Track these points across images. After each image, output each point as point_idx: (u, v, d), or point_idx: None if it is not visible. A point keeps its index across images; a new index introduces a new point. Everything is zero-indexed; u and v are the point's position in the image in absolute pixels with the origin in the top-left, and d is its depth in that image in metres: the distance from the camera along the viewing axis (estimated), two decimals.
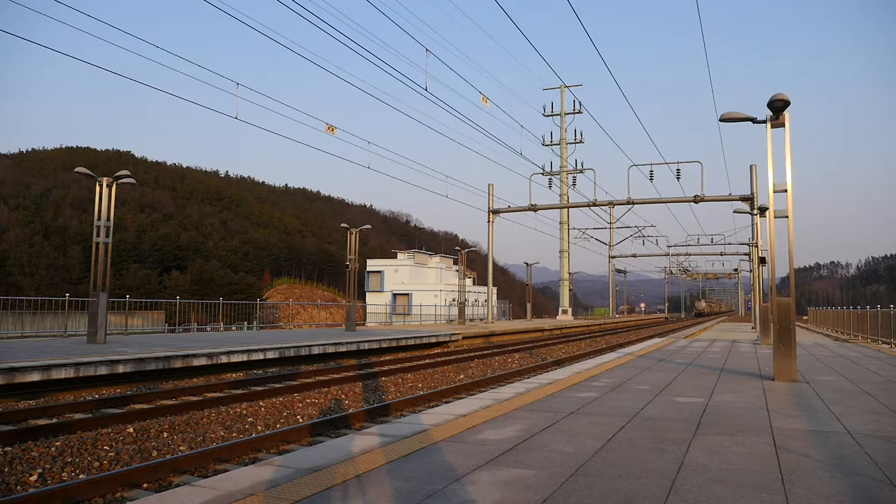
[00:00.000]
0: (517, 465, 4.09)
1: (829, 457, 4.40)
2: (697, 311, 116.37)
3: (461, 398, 10.60)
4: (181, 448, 7.03)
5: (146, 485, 5.61)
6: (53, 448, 6.72)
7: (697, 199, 32.62)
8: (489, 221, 37.61)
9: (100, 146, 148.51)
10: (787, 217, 8.95)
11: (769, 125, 9.05)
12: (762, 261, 19.55)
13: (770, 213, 9.14)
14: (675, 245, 65.35)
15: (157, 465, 5.83)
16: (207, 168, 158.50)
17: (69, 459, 6.35)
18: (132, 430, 7.67)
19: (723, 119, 9.65)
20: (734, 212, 25.88)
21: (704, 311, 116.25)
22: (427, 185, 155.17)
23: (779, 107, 8.87)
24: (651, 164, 33.70)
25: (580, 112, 52.12)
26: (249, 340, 16.38)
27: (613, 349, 21.43)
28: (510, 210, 38.01)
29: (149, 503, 3.41)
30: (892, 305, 18.24)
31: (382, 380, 13.03)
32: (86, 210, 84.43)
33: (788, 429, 5.40)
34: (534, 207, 37.35)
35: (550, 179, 43.76)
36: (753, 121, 9.35)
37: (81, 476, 5.88)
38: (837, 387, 8.33)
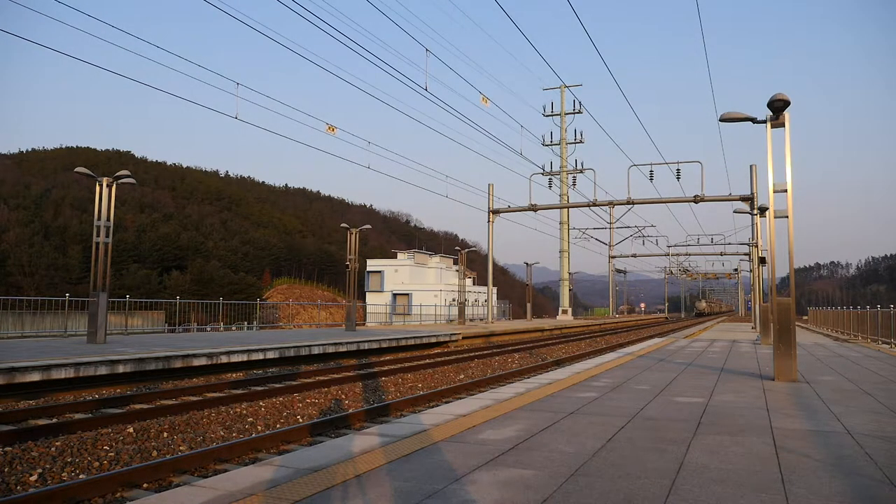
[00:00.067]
0: (517, 465, 4.09)
1: (829, 457, 4.40)
2: (698, 311, 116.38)
3: (461, 398, 10.60)
4: (181, 448, 7.04)
5: (146, 485, 5.61)
6: (53, 448, 6.72)
7: (697, 199, 32.63)
8: (489, 221, 37.62)
9: (100, 146, 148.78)
10: (787, 217, 8.96)
11: (769, 125, 9.05)
12: (762, 261, 19.55)
13: (770, 213, 9.14)
14: (675, 245, 65.42)
15: (157, 465, 5.84)
16: (207, 168, 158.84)
17: (69, 459, 6.35)
18: (132, 430, 7.67)
19: (723, 119, 9.65)
20: (734, 212, 25.88)
21: (705, 311, 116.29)
22: (427, 185, 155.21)
23: (779, 107, 8.88)
24: (651, 164, 33.74)
25: (580, 112, 52.17)
26: (249, 340, 16.38)
27: (613, 349, 21.43)
28: (510, 210, 38.01)
29: (149, 503, 3.41)
30: (892, 305, 18.25)
31: (382, 380, 13.03)
32: (86, 210, 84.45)
33: (788, 429, 5.40)
34: (534, 207, 37.36)
35: (550, 179, 43.79)
36: (753, 121, 9.35)
37: (81, 476, 5.89)
38: (837, 387, 8.33)
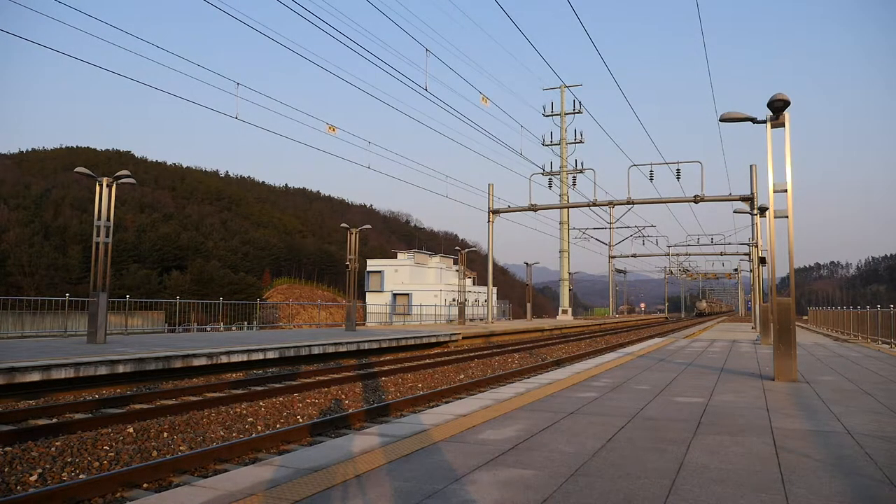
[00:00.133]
0: (517, 465, 4.09)
1: (829, 457, 4.40)
2: (698, 311, 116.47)
3: (461, 398, 10.60)
4: (181, 448, 7.03)
5: (146, 485, 5.61)
6: (53, 448, 6.72)
7: (697, 199, 32.62)
8: (489, 221, 37.62)
9: (100, 146, 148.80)
10: (787, 217, 8.95)
11: (769, 125, 9.05)
12: (762, 261, 19.54)
13: (770, 213, 9.14)
14: (675, 245, 65.42)
15: (157, 465, 5.84)
16: (207, 168, 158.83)
17: (69, 459, 6.35)
18: (132, 430, 7.67)
19: (723, 119, 9.65)
20: (734, 212, 25.88)
21: (705, 311, 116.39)
22: (427, 185, 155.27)
23: (779, 107, 8.87)
24: (651, 164, 33.74)
25: (580, 112, 52.18)
26: (249, 340, 16.38)
27: (613, 349, 21.43)
28: (510, 210, 38.01)
29: (149, 503, 3.41)
30: (892, 305, 18.24)
31: (382, 380, 13.03)
32: (86, 210, 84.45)
33: (788, 429, 5.40)
34: (534, 207, 37.36)
35: (550, 179, 43.79)
36: (753, 121, 9.35)
37: (81, 476, 5.89)
38: (837, 387, 8.33)
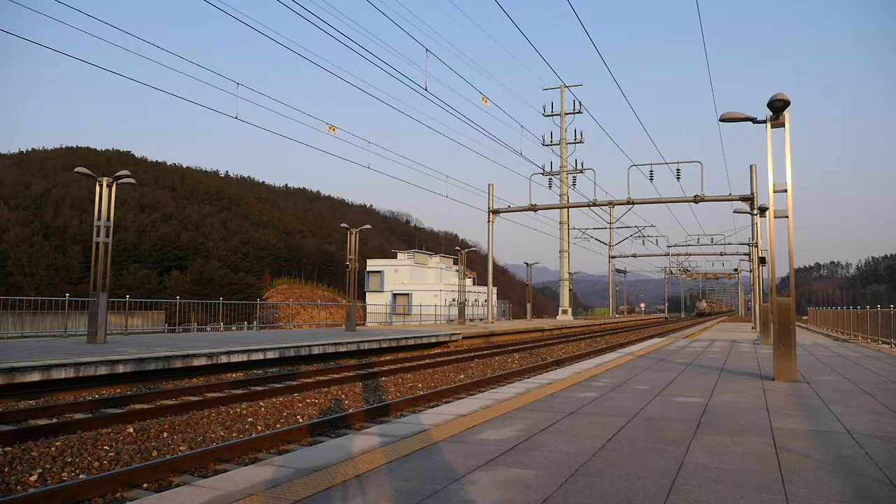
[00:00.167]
0: (517, 465, 4.09)
1: (829, 457, 4.40)
2: (699, 311, 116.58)
3: (461, 398, 10.60)
4: (181, 448, 7.03)
5: (146, 485, 5.61)
6: (53, 448, 6.72)
7: (697, 199, 32.62)
8: (489, 221, 37.62)
9: (100, 146, 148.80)
10: (787, 217, 8.95)
11: (769, 125, 9.05)
12: (762, 261, 19.54)
13: (770, 213, 9.14)
14: (675, 245, 65.43)
15: (157, 465, 5.84)
16: (207, 168, 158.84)
17: (69, 459, 6.35)
18: (132, 430, 7.67)
19: (723, 119, 9.65)
20: (734, 212, 25.88)
21: (705, 311, 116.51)
22: (427, 185, 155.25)
23: (779, 107, 8.87)
24: (651, 164, 33.74)
25: (580, 112, 52.18)
26: (249, 340, 16.38)
27: (613, 349, 21.43)
28: (510, 210, 38.01)
29: (149, 503, 3.41)
30: (892, 305, 18.24)
31: (382, 380, 13.03)
32: (86, 210, 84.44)
33: (788, 429, 5.40)
34: (534, 207, 37.36)
35: (550, 179, 43.79)
36: (753, 121, 9.35)
37: (81, 476, 5.89)
38: (837, 387, 8.33)
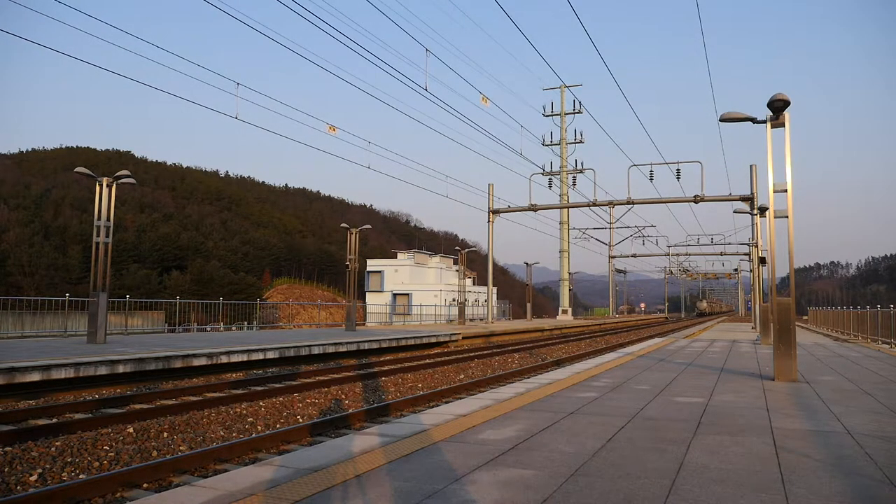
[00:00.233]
0: (517, 465, 4.09)
1: (829, 457, 4.40)
2: (699, 311, 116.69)
3: (461, 398, 10.60)
4: (181, 448, 7.03)
5: (146, 485, 5.61)
6: (53, 448, 6.72)
7: (697, 199, 32.62)
8: (489, 221, 37.62)
9: (100, 146, 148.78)
10: (787, 217, 8.95)
11: (769, 125, 9.05)
12: (762, 261, 19.54)
13: (770, 213, 9.14)
14: (675, 245, 65.43)
15: (157, 465, 5.83)
16: (207, 168, 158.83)
17: (69, 459, 6.35)
18: (132, 430, 7.67)
19: (723, 119, 9.65)
20: (734, 212, 25.88)
21: (706, 311, 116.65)
22: (427, 185, 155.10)
23: (779, 107, 8.87)
24: (651, 164, 33.74)
25: (580, 112, 52.18)
26: (249, 340, 16.38)
27: (613, 349, 21.43)
28: (510, 210, 38.01)
29: (149, 503, 3.41)
30: (892, 305, 18.24)
31: (382, 380, 13.03)
32: (86, 210, 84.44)
33: (788, 429, 5.40)
34: (534, 207, 37.35)
35: (550, 179, 43.79)
36: (753, 121, 9.35)
37: (81, 476, 5.88)
38: (837, 387, 8.33)
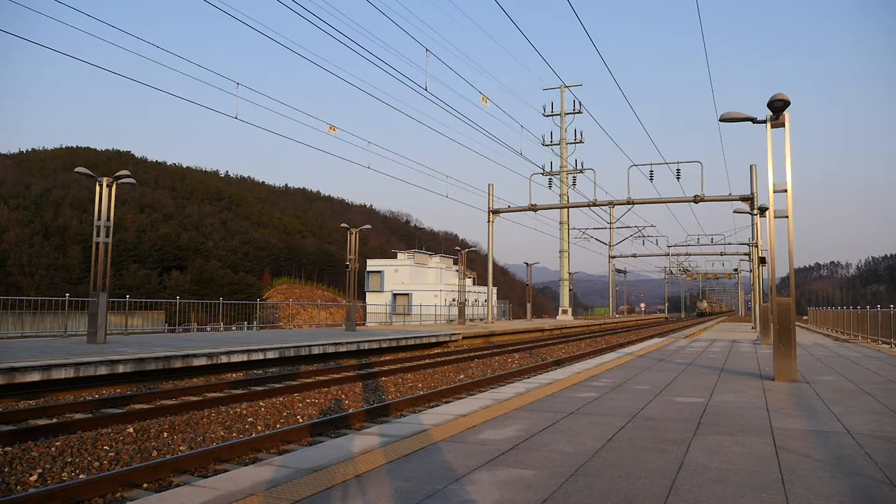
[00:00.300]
0: (517, 465, 4.09)
1: (830, 457, 4.40)
2: (699, 311, 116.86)
3: (461, 398, 10.60)
4: (181, 448, 7.03)
5: (146, 485, 5.61)
6: (53, 448, 6.72)
7: (697, 199, 32.62)
8: (489, 221, 37.62)
9: (100, 146, 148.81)
10: (787, 217, 8.95)
11: (769, 125, 9.05)
12: (762, 261, 19.54)
13: (770, 213, 9.14)
14: (675, 245, 65.43)
15: (157, 465, 5.83)
16: (207, 168, 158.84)
17: (69, 459, 6.35)
18: (132, 430, 7.67)
19: (723, 119, 9.65)
20: (734, 212, 25.88)
21: (706, 311, 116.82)
22: (427, 185, 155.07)
23: (779, 107, 8.87)
24: (651, 164, 33.74)
25: (580, 112, 52.18)
26: (249, 340, 16.38)
27: (613, 349, 21.43)
28: (510, 210, 38.01)
29: (149, 503, 3.41)
30: (892, 305, 18.24)
31: (382, 380, 13.03)
32: (86, 210, 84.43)
33: (788, 429, 5.40)
34: (534, 207, 37.35)
35: (550, 179, 43.79)
36: (753, 121, 9.35)
37: (81, 476, 5.88)
38: (837, 387, 8.33)
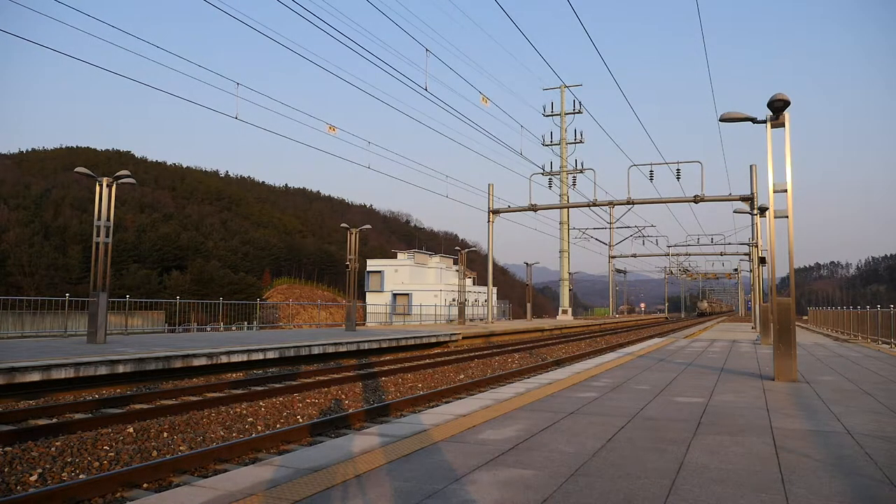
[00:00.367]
0: (517, 465, 4.09)
1: (829, 457, 4.40)
2: (700, 311, 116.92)
3: (461, 398, 10.60)
4: (181, 448, 7.03)
5: (146, 485, 5.61)
6: (53, 448, 6.72)
7: (697, 199, 32.62)
8: (489, 221, 37.61)
9: (100, 146, 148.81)
10: (787, 217, 8.95)
11: (769, 125, 9.05)
12: (762, 261, 19.54)
13: (770, 213, 9.14)
14: (675, 245, 65.45)
15: (157, 465, 5.84)
16: (207, 168, 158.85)
17: (69, 459, 6.35)
18: (132, 430, 7.67)
19: (723, 119, 9.65)
20: (734, 212, 25.88)
21: (706, 311, 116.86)
22: (427, 185, 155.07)
23: (779, 107, 8.87)
24: (651, 164, 33.74)
25: (580, 112, 52.18)
26: (249, 340, 16.38)
27: (613, 349, 21.43)
28: (510, 210, 38.01)
29: (149, 503, 3.41)
30: (892, 305, 18.24)
31: (382, 380, 13.03)
32: (86, 210, 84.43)
33: (788, 429, 5.40)
34: (534, 207, 37.35)
35: (550, 179, 43.79)
36: (753, 121, 9.35)
37: (81, 476, 5.88)
38: (837, 387, 8.33)
